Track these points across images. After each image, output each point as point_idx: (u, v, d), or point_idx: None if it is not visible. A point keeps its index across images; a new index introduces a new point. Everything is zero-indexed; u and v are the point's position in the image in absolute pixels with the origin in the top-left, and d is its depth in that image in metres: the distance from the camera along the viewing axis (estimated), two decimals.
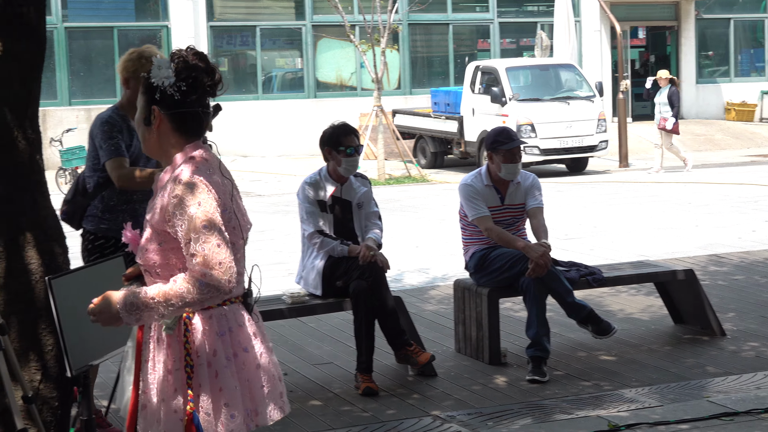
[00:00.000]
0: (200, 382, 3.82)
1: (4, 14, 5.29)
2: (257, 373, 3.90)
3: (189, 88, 3.82)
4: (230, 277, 3.67)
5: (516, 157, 7.81)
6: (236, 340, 3.87)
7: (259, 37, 27.95)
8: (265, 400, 3.91)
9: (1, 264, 5.37)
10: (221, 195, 3.78)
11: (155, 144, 3.91)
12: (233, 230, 3.82)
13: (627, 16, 30.94)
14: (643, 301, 9.67)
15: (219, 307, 3.85)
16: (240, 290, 3.94)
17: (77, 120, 25.31)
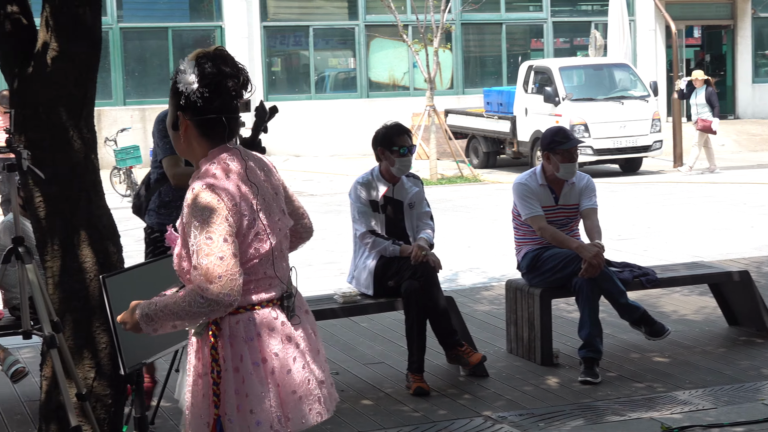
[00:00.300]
0: (226, 387, 3.79)
1: (60, 15, 5.34)
2: (288, 378, 3.82)
3: (212, 94, 3.77)
4: (231, 290, 3.63)
5: (574, 156, 7.79)
6: (265, 345, 3.80)
7: (312, 37, 28.02)
8: (298, 405, 3.84)
9: (57, 262, 5.43)
10: (238, 202, 3.73)
11: (184, 148, 3.91)
12: (256, 236, 3.78)
13: (682, 15, 30.68)
14: (697, 303, 9.59)
15: (248, 311, 3.80)
16: (276, 292, 3.89)
17: (132, 120, 25.51)
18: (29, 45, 5.45)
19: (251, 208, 3.77)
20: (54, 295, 5.44)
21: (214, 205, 3.67)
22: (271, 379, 3.79)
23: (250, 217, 3.77)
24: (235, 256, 3.66)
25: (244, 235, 3.75)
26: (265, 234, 3.82)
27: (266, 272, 3.84)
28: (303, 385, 3.86)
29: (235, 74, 3.81)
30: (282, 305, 3.89)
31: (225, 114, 3.80)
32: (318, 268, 11.79)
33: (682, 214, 16.17)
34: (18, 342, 7.87)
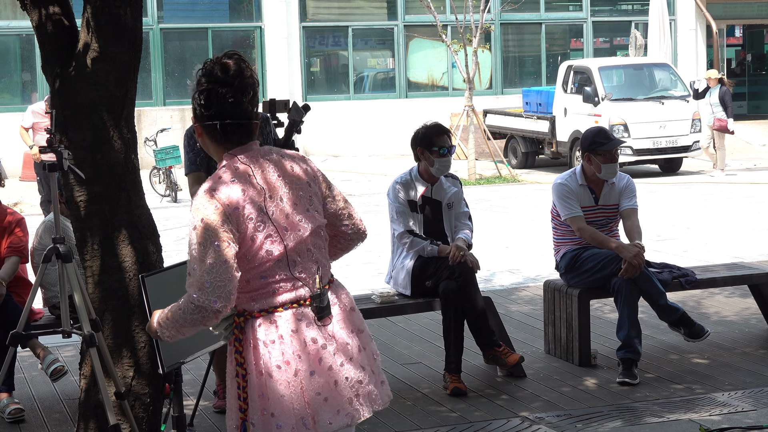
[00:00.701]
0: (250, 391, 3.81)
1: (101, 16, 5.38)
2: (312, 380, 3.80)
3: (207, 101, 3.83)
4: (217, 297, 3.67)
5: (615, 157, 7.77)
6: (288, 347, 3.79)
7: (351, 38, 28.05)
8: (324, 407, 3.81)
9: (96, 261, 5.46)
10: (242, 205, 3.75)
11: (211, 150, 3.95)
12: (268, 238, 3.79)
13: (723, 14, 30.48)
14: (737, 304, 9.53)
15: (270, 314, 3.81)
16: (302, 293, 3.86)
17: (171, 120, 25.64)
18: (70, 46, 5.49)
19: (260, 211, 3.78)
20: (93, 294, 5.48)
21: (210, 211, 3.71)
22: (294, 381, 3.78)
23: (258, 219, 3.77)
24: (226, 262, 3.68)
25: (252, 238, 3.76)
26: (283, 235, 3.81)
27: (287, 274, 3.83)
28: (329, 386, 3.83)
29: (229, 82, 3.82)
30: (311, 305, 3.87)
31: (225, 120, 3.83)
32: (356, 268, 11.80)
33: (722, 215, 16.07)
34: (58, 341, 7.94)
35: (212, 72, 3.83)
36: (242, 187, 3.77)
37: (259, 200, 3.79)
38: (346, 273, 11.07)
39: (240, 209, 3.74)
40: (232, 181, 3.78)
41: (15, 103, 25.73)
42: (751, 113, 32.28)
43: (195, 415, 6.84)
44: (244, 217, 3.74)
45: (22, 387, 7.65)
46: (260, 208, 3.78)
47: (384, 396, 4.03)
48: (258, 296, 3.82)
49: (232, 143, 3.87)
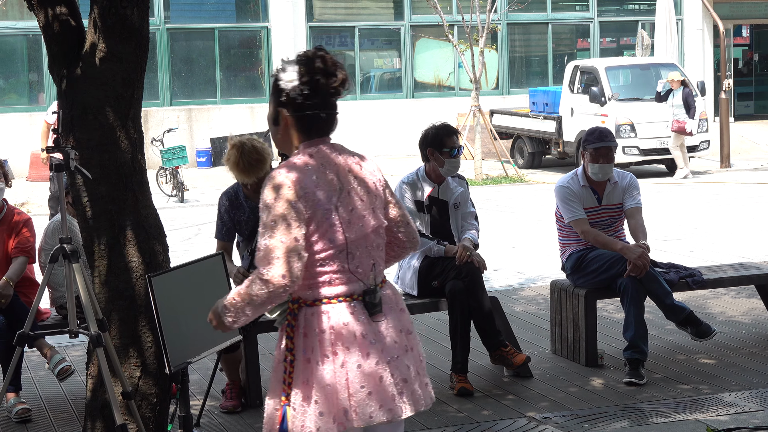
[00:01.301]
0: (296, 377, 3.92)
1: (108, 16, 5.38)
2: (358, 373, 3.90)
3: (311, 92, 3.96)
4: (284, 273, 3.78)
5: (600, 159, 7.72)
6: (338, 339, 3.90)
7: (357, 38, 28.05)
8: (366, 401, 3.90)
9: (103, 261, 5.47)
10: (312, 191, 3.88)
11: (281, 141, 4.08)
12: (331, 227, 3.90)
13: (730, 14, 30.43)
14: (744, 304, 9.52)
15: (323, 304, 3.91)
16: (355, 288, 3.97)
17: (178, 120, 25.66)
18: (77, 46, 5.50)
19: (328, 200, 3.92)
20: (100, 294, 5.49)
21: (284, 191, 3.84)
22: (340, 372, 3.88)
23: (324, 207, 3.90)
24: (297, 241, 3.81)
25: (318, 225, 3.89)
26: (345, 226, 3.94)
27: (345, 265, 3.95)
28: (373, 381, 3.92)
29: (333, 73, 3.99)
30: (363, 301, 3.98)
31: (323, 110, 3.99)
32: None
33: (729, 215, 16.05)
34: (65, 341, 7.95)
35: (313, 64, 3.99)
36: (316, 174, 3.92)
37: (330, 190, 3.93)
38: None
39: (311, 193, 3.88)
40: (307, 167, 3.93)
41: (22, 103, 25.78)
42: (758, 113, 32.23)
43: (202, 414, 6.85)
44: (313, 202, 3.88)
45: (29, 387, 7.66)
46: (329, 197, 3.92)
47: (427, 397, 4.13)
48: (314, 285, 3.93)
49: (316, 134, 4.02)
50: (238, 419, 6.90)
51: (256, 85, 27.50)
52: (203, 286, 4.98)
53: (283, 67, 4.02)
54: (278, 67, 4.04)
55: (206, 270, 5.03)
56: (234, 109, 26.57)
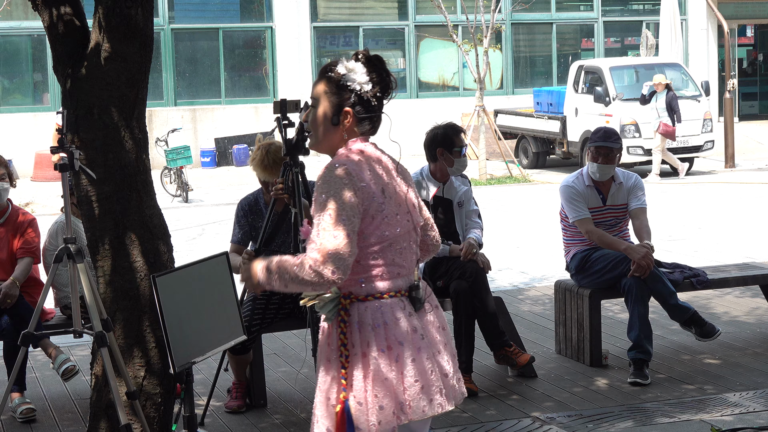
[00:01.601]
0: (354, 371, 3.94)
1: (112, 16, 5.39)
2: (412, 367, 3.95)
3: (383, 94, 4.04)
4: (336, 268, 3.80)
5: (600, 158, 7.72)
6: (391, 333, 3.94)
7: (362, 38, 28.05)
8: (420, 394, 3.96)
9: (108, 262, 5.47)
10: (369, 183, 3.91)
11: (335, 142, 4.06)
12: (384, 220, 3.95)
13: (735, 14, 30.41)
14: (748, 304, 9.51)
15: (376, 299, 3.95)
16: (403, 283, 4.03)
17: (182, 120, 25.67)
18: (82, 46, 5.50)
19: (382, 193, 3.96)
20: (105, 294, 5.49)
21: (341, 184, 3.87)
22: (395, 366, 3.93)
23: (379, 200, 3.94)
24: (350, 236, 3.84)
25: (372, 217, 3.92)
26: (395, 220, 3.99)
27: (395, 259, 3.99)
28: (425, 375, 3.97)
29: (391, 75, 4.08)
30: (410, 296, 4.03)
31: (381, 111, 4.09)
32: None
33: (733, 215, 16.04)
34: (69, 340, 7.95)
35: (379, 65, 4.03)
36: (370, 168, 3.97)
37: (383, 183, 3.98)
38: None
39: (367, 186, 3.91)
40: (362, 159, 3.97)
41: (26, 103, 25.81)
42: (763, 113, 32.20)
43: (206, 414, 6.86)
44: (369, 195, 3.91)
45: (34, 387, 7.67)
46: (383, 190, 3.97)
47: (459, 393, 4.17)
48: (367, 279, 3.96)
49: (370, 133, 4.10)
50: (242, 419, 6.90)
51: (260, 85, 27.50)
52: (207, 286, 4.98)
53: (350, 67, 4.00)
54: (341, 66, 4.01)
55: (210, 270, 5.03)
56: (238, 109, 26.58)
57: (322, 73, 4.05)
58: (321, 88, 4.04)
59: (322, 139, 4.08)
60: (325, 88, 4.03)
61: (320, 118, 4.05)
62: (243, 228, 7.11)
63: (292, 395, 7.38)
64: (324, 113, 4.04)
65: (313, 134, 4.10)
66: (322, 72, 4.06)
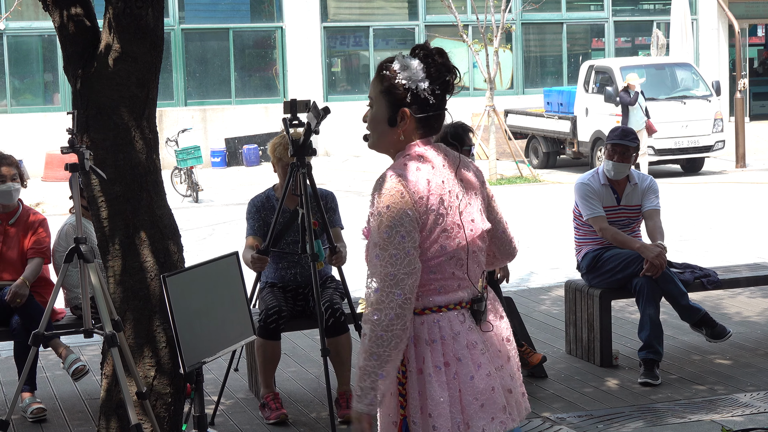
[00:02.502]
0: (410, 389, 3.73)
1: (122, 17, 5.39)
2: (471, 384, 3.71)
3: (442, 91, 3.77)
4: (401, 290, 3.57)
5: (615, 156, 7.73)
6: (449, 349, 3.71)
7: (372, 38, 28.07)
8: (479, 413, 3.71)
9: (118, 261, 5.48)
10: (426, 195, 3.67)
11: (393, 144, 3.83)
12: (444, 232, 3.70)
13: (746, 13, 30.36)
14: (759, 304, 9.49)
15: (432, 313, 3.72)
16: (465, 295, 3.79)
17: (193, 120, 25.70)
18: (92, 47, 5.51)
19: (441, 203, 3.69)
20: (115, 294, 5.49)
21: (398, 198, 3.63)
22: (452, 384, 3.71)
23: (438, 212, 3.68)
24: (411, 253, 3.60)
25: (430, 230, 3.67)
26: (455, 232, 3.73)
27: (454, 272, 3.74)
28: (486, 392, 3.74)
29: (454, 70, 3.80)
30: (471, 309, 3.81)
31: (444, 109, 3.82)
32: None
33: (744, 215, 16.00)
34: (80, 340, 7.97)
35: (438, 61, 3.76)
36: (429, 177, 3.70)
37: (441, 193, 3.71)
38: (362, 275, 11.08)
39: (425, 198, 3.66)
40: (420, 169, 3.71)
41: (37, 103, 25.86)
42: None
43: (216, 414, 6.86)
44: (427, 207, 3.66)
45: (44, 387, 7.68)
46: (442, 200, 3.70)
47: (524, 409, 3.95)
48: (424, 292, 3.71)
49: (432, 134, 3.82)
50: (252, 419, 6.90)
51: (270, 85, 27.52)
52: (218, 286, 4.99)
53: (405, 64, 3.74)
54: (395, 63, 3.76)
55: (221, 270, 5.03)
56: (248, 109, 26.61)
57: (378, 71, 3.82)
58: (377, 88, 3.80)
59: (379, 141, 3.86)
60: (380, 87, 3.79)
61: (377, 118, 3.82)
62: (257, 221, 7.08)
63: (302, 395, 7.38)
64: (380, 114, 3.80)
65: (371, 135, 3.87)
66: (377, 70, 3.83)
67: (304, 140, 6.57)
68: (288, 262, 7.09)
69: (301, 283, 7.12)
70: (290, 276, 7.11)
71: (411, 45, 28.69)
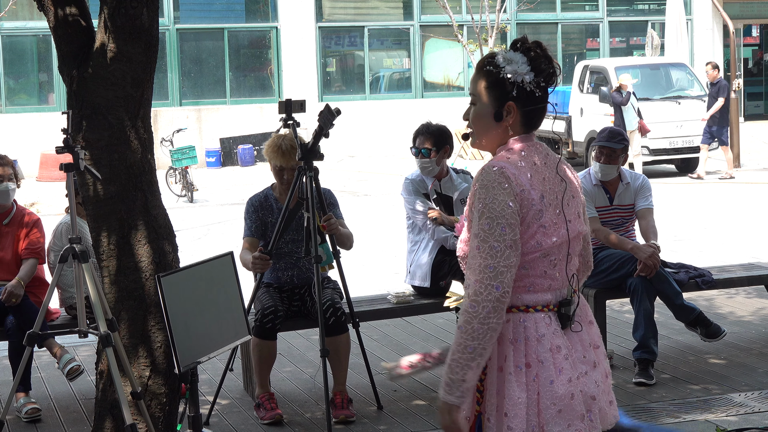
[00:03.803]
0: (488, 386, 3.70)
1: (117, 17, 5.39)
2: (550, 389, 3.65)
3: (547, 84, 3.75)
4: (499, 283, 3.55)
5: (602, 158, 7.72)
6: (532, 350, 3.66)
7: (367, 38, 28.06)
8: (555, 419, 3.65)
9: (113, 261, 5.48)
10: (527, 189, 3.64)
11: (498, 139, 3.80)
12: (541, 228, 3.66)
13: (740, 13, 30.39)
14: (754, 304, 9.50)
15: (519, 312, 3.69)
16: (553, 296, 3.74)
17: (188, 120, 25.69)
18: (87, 46, 5.50)
19: (541, 199, 3.67)
20: (110, 293, 5.49)
21: (500, 190, 3.60)
22: (532, 386, 3.66)
23: (538, 207, 3.65)
24: (511, 246, 3.58)
25: (528, 225, 3.64)
26: (552, 229, 3.69)
27: (546, 271, 3.71)
28: (565, 399, 3.67)
29: (554, 62, 3.78)
30: (559, 312, 3.75)
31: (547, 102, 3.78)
32: (372, 268, 11.81)
33: (738, 215, 16.02)
34: (74, 340, 7.96)
35: (541, 54, 3.73)
36: (530, 171, 3.68)
37: (542, 189, 3.68)
38: (363, 273, 11.08)
39: (526, 192, 3.64)
40: (522, 163, 3.69)
41: (32, 103, 25.84)
42: None
43: (211, 414, 6.86)
44: (527, 201, 3.63)
45: (39, 387, 7.67)
46: (542, 196, 3.67)
47: (611, 416, 3.88)
48: (513, 289, 3.65)
49: (533, 128, 3.79)
50: (247, 419, 6.90)
51: (265, 85, 27.52)
52: (212, 286, 4.98)
53: (509, 58, 3.71)
54: (499, 57, 3.73)
55: (216, 270, 5.03)
56: (244, 109, 26.60)
57: (480, 67, 3.77)
58: (480, 84, 3.76)
59: (483, 137, 3.81)
60: (484, 83, 3.75)
61: (482, 114, 3.77)
62: (255, 222, 7.05)
63: (297, 395, 7.38)
64: (485, 109, 3.76)
65: (474, 132, 3.83)
66: (479, 66, 3.78)
67: (313, 143, 6.56)
68: (285, 263, 7.08)
69: (298, 284, 7.12)
70: (287, 278, 7.11)
71: (405, 45, 28.85)
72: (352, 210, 14.34)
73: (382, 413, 6.93)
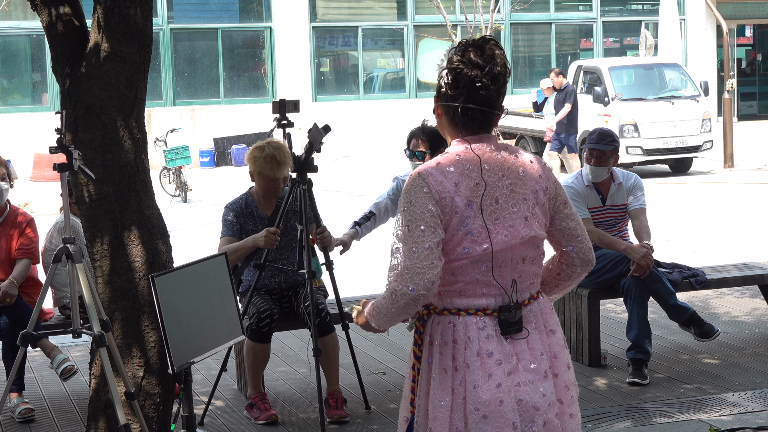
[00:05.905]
0: (420, 386, 3.73)
1: (111, 16, 5.39)
2: (474, 393, 3.60)
3: (453, 82, 3.66)
4: (416, 284, 3.54)
5: (593, 159, 7.72)
6: (459, 353, 3.63)
7: (360, 38, 28.07)
8: (480, 425, 3.60)
9: (106, 261, 5.47)
10: (451, 196, 3.59)
11: (449, 141, 3.77)
12: (469, 235, 3.60)
13: (734, 14, 30.44)
14: (747, 304, 9.51)
15: (450, 315, 3.67)
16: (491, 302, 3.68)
17: (181, 120, 25.68)
18: (81, 46, 5.50)
19: (469, 206, 3.61)
20: (103, 293, 5.49)
21: (419, 194, 3.59)
22: (458, 389, 3.63)
23: (464, 214, 3.60)
24: (429, 249, 3.54)
25: (453, 232, 3.60)
26: (483, 236, 3.62)
27: (478, 278, 3.65)
28: (491, 404, 3.60)
29: (480, 66, 3.65)
30: (498, 317, 3.68)
31: (468, 104, 3.66)
32: (366, 269, 11.79)
33: (732, 215, 16.04)
34: (68, 340, 7.95)
35: (466, 53, 3.66)
36: (458, 177, 3.62)
37: (473, 195, 3.62)
38: (357, 275, 11.07)
39: (448, 198, 3.59)
40: (450, 168, 3.63)
41: (25, 103, 25.82)
42: (762, 113, 32.24)
43: (205, 414, 6.86)
44: (450, 208, 3.59)
45: (33, 387, 7.67)
46: (470, 202, 3.61)
47: (558, 429, 3.77)
48: (446, 293, 3.66)
49: (468, 130, 3.70)
50: (241, 419, 6.90)
51: (259, 85, 27.51)
52: (206, 286, 4.98)
53: (443, 56, 3.71)
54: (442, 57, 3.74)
55: (210, 270, 5.02)
56: (237, 108, 26.59)
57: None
58: None
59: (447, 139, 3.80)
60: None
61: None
62: (235, 226, 6.96)
63: (290, 395, 7.38)
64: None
65: None
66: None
67: (305, 157, 6.56)
68: (271, 271, 7.04)
69: (285, 288, 7.12)
70: (275, 284, 7.09)
71: (399, 45, 28.88)
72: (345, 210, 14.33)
73: (375, 413, 6.93)
